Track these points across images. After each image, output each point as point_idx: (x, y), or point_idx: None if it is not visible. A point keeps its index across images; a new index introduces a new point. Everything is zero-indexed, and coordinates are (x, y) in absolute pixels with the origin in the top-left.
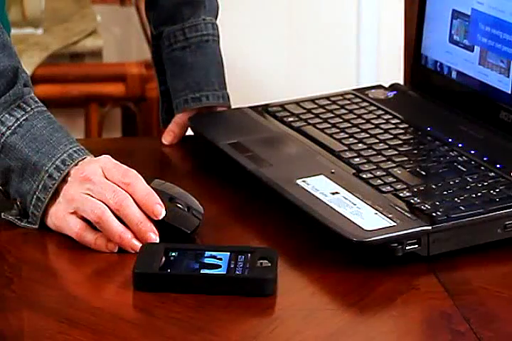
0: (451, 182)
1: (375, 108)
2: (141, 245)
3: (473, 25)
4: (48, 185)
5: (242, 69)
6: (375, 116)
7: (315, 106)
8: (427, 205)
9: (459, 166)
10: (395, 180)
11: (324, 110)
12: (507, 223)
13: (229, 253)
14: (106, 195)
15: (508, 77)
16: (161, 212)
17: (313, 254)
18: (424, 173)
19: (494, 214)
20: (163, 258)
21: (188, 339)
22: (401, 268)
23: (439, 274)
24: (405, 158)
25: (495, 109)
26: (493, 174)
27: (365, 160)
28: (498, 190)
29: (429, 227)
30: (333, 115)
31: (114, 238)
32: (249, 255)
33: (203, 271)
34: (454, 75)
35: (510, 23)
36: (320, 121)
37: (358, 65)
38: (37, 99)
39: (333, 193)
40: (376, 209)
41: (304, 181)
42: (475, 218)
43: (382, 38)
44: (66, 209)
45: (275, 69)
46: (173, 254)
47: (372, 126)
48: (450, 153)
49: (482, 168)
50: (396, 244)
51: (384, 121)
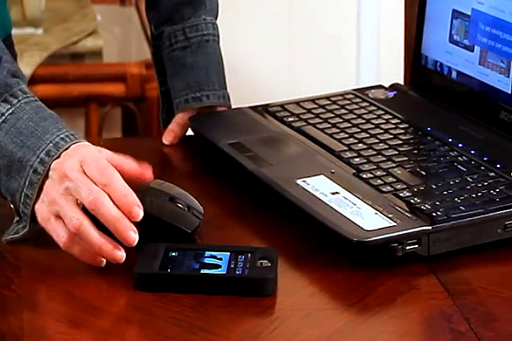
0: (452, 182)
1: (375, 108)
2: (123, 255)
3: (473, 25)
4: (34, 180)
5: (242, 69)
6: (375, 116)
7: (315, 106)
8: (427, 205)
9: (459, 166)
10: (395, 180)
11: (324, 110)
12: (507, 223)
13: (229, 253)
14: (81, 194)
15: (508, 77)
16: (138, 213)
17: (313, 254)
18: (424, 173)
19: (494, 214)
20: (163, 258)
21: (188, 339)
22: (401, 268)
23: (439, 274)
24: (405, 158)
25: (495, 109)
26: (493, 174)
27: (365, 160)
28: (498, 190)
29: (429, 227)
30: (333, 115)
31: (94, 250)
32: (250, 255)
33: (203, 271)
34: (454, 75)
35: (511, 23)
36: (320, 121)
37: (358, 65)
38: (27, 90)
39: (333, 193)
40: (376, 209)
41: (304, 181)
42: (475, 218)
43: (382, 38)
44: (50, 211)
45: (275, 69)
46: (173, 254)
47: (373, 126)
48: (450, 153)
49: (482, 168)
50: (396, 244)
51: (384, 121)
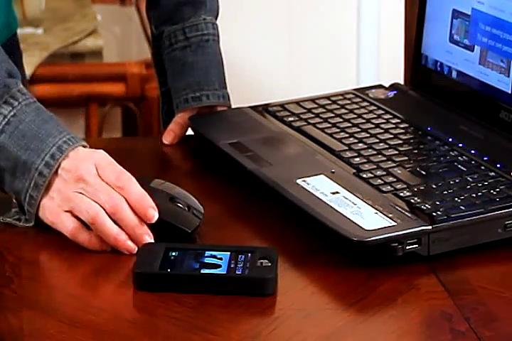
0: (452, 182)
1: (376, 108)
2: (135, 247)
3: (473, 25)
4: (39, 182)
5: (242, 69)
6: (376, 115)
7: (315, 106)
8: (427, 205)
9: (459, 166)
10: (395, 179)
11: (324, 110)
12: (507, 223)
13: (229, 252)
14: (101, 198)
15: (508, 76)
16: (154, 215)
17: (313, 254)
18: (424, 173)
19: (494, 214)
20: (163, 258)
21: (188, 339)
22: (401, 268)
23: (440, 274)
24: (405, 158)
25: (495, 108)
26: (493, 174)
27: (365, 160)
28: (498, 190)
29: (430, 227)
30: (333, 115)
31: (108, 240)
32: (250, 255)
33: (203, 271)
34: (454, 75)
35: (511, 22)
36: (320, 120)
37: (358, 65)
38: (25, 90)
39: (333, 193)
40: (376, 209)
41: (304, 181)
42: (475, 218)
43: (382, 38)
44: (61, 207)
45: (275, 69)
46: (174, 254)
47: (373, 126)
48: (450, 153)
49: (482, 167)
50: (396, 244)
51: (384, 121)
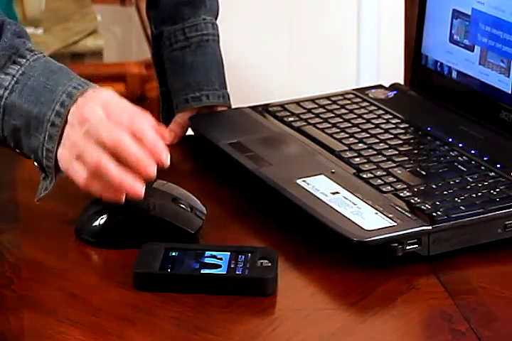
0: (452, 182)
1: (376, 108)
2: (143, 189)
3: (473, 25)
4: (53, 133)
5: (242, 69)
6: (376, 115)
7: (315, 106)
8: (427, 205)
9: (459, 166)
10: (395, 179)
11: (324, 110)
12: (507, 223)
13: (229, 253)
14: (102, 133)
15: (508, 76)
16: (167, 159)
17: (313, 254)
18: (424, 173)
19: (494, 214)
20: (163, 258)
21: (188, 339)
22: (401, 268)
23: (440, 274)
24: (405, 158)
25: (495, 108)
26: (493, 174)
27: (365, 160)
28: (498, 190)
29: (430, 227)
30: (333, 115)
31: (115, 185)
32: (250, 255)
33: (203, 271)
34: (454, 75)
35: (511, 23)
36: (320, 120)
37: (358, 65)
38: (33, 47)
39: (333, 193)
40: (376, 209)
41: (304, 181)
42: (475, 218)
43: (382, 38)
44: (71, 153)
45: (275, 69)
46: (174, 254)
47: (373, 126)
48: (450, 153)
49: (482, 167)
50: (396, 244)
51: (384, 121)
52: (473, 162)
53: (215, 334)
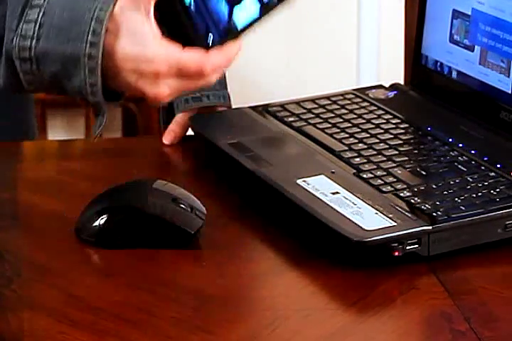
0: (452, 182)
1: (376, 108)
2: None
3: (473, 25)
4: (92, 66)
5: (242, 70)
6: (376, 116)
7: (315, 106)
8: (427, 205)
9: (460, 166)
10: (395, 179)
11: (324, 110)
12: (507, 223)
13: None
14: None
15: (508, 76)
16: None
17: (313, 254)
18: (424, 173)
19: (494, 214)
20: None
21: (188, 339)
22: (401, 268)
23: (440, 274)
24: (406, 158)
25: (495, 108)
26: (493, 174)
27: (365, 160)
28: (498, 190)
29: (430, 227)
30: (333, 115)
31: (192, 69)
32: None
33: None
34: (454, 75)
35: (511, 22)
36: (320, 120)
37: (358, 65)
38: None
39: (333, 193)
40: (376, 209)
41: (305, 181)
42: (475, 218)
43: (382, 38)
44: (123, 68)
45: (275, 69)
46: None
47: (373, 126)
48: (450, 153)
49: (482, 167)
50: (396, 244)
51: (384, 121)
52: (473, 162)
53: (214, 334)
